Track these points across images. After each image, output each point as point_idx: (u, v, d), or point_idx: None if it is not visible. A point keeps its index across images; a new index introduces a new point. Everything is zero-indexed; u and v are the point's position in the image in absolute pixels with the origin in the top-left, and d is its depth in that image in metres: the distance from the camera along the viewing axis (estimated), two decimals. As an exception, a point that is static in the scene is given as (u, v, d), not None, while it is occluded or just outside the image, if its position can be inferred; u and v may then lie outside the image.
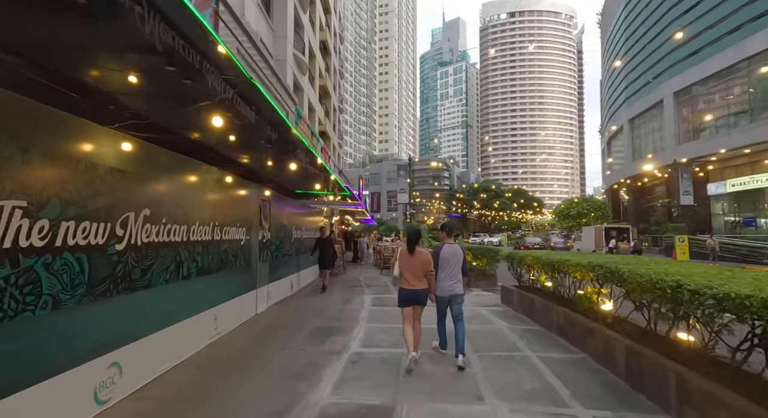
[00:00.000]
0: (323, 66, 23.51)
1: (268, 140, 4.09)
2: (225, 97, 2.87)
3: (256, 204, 6.87)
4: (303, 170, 6.33)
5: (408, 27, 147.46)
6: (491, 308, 7.58)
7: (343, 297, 8.88)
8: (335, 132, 29.32)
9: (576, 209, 35.43)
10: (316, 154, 5.58)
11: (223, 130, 3.83)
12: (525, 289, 7.38)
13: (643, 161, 29.45)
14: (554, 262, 5.63)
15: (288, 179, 7.30)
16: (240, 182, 6.13)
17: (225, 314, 5.43)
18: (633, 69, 34.49)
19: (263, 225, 7.21)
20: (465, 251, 4.66)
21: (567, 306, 5.50)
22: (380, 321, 6.41)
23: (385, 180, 61.90)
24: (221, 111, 3.15)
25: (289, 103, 14.30)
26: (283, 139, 4.36)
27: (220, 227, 5.26)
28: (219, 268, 5.28)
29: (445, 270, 4.45)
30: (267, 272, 7.47)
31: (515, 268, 7.97)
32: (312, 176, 6.78)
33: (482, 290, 10.22)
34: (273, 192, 7.96)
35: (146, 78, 2.41)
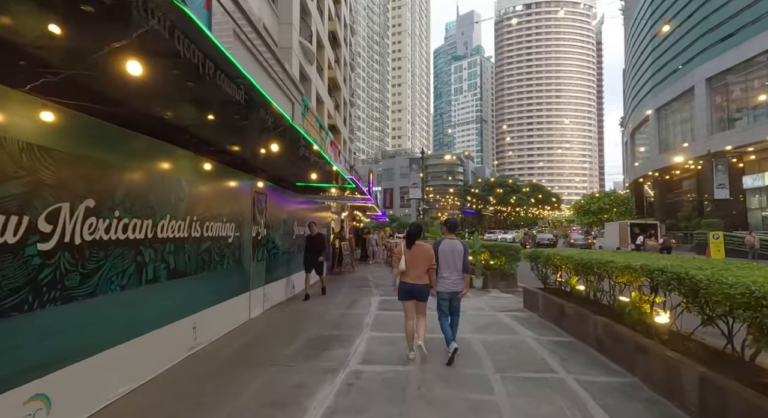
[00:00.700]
0: (332, 57, 22.77)
1: (244, 118, 3.36)
2: (176, 52, 2.14)
3: (249, 197, 6.18)
4: (298, 159, 5.60)
5: (421, 21, 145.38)
6: (513, 314, 6.73)
7: (348, 299, 8.15)
8: (346, 126, 28.61)
9: (597, 205, 33.81)
10: (311, 141, 4.83)
11: (190, 104, 3.12)
12: (551, 292, 6.50)
13: (672, 153, 27.75)
14: (591, 263, 4.74)
15: (285, 170, 6.59)
16: (227, 172, 5.43)
17: (208, 322, 4.76)
18: (660, 55, 32.54)
19: (258, 220, 6.52)
20: (467, 246, 4.53)
21: (607, 315, 4.63)
22: (386, 329, 5.64)
23: (398, 176, 61.03)
24: (179, 78, 2.44)
25: (294, 93, 13.61)
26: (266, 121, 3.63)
27: (200, 223, 4.57)
28: (199, 269, 4.59)
29: (444, 266, 4.39)
30: (263, 272, 6.79)
31: (539, 268, 7.09)
32: (309, 166, 6.04)
33: (501, 291, 9.36)
34: (270, 184, 7.27)
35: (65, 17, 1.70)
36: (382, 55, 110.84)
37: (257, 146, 4.20)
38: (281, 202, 8.02)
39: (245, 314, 6.03)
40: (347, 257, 13.15)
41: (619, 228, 23.15)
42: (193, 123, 3.61)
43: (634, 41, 40.06)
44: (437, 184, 70.52)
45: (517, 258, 9.84)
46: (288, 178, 7.70)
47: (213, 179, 4.98)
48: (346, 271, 12.91)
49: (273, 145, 4.16)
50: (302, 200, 10.07)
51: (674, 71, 29.86)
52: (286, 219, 8.17)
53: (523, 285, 9.72)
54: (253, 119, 3.39)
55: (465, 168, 77.80)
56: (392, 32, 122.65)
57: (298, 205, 9.49)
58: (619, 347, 4.09)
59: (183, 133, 3.93)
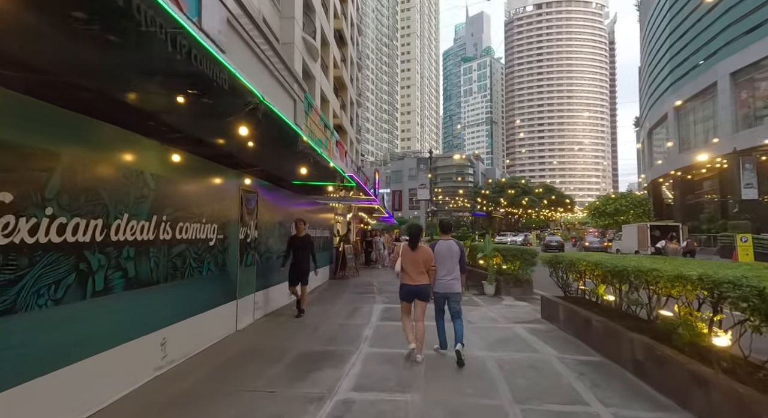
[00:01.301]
0: (338, 56, 22.27)
1: (209, 100, 2.75)
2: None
3: (235, 195, 5.60)
4: (287, 153, 5.01)
5: (430, 23, 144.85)
6: (530, 326, 6.00)
7: (348, 307, 7.51)
8: (353, 126, 28.07)
9: (613, 206, 32.52)
10: (300, 133, 4.22)
11: (140, 80, 2.54)
12: (574, 302, 5.76)
13: (693, 152, 26.49)
14: (626, 271, 4.01)
15: (275, 166, 6.00)
16: (207, 167, 4.86)
17: (182, 336, 4.17)
18: (680, 50, 31.25)
19: (246, 221, 5.93)
20: (462, 247, 4.64)
21: (645, 332, 3.90)
22: (386, 344, 4.98)
23: (406, 178, 60.34)
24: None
25: (297, 90, 13.09)
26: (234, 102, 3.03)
27: (171, 223, 3.99)
28: (171, 276, 4.01)
29: (440, 266, 4.48)
30: (253, 278, 6.20)
31: (560, 275, 6.35)
32: (301, 161, 5.44)
33: (515, 298, 8.62)
34: (263, 183, 6.70)
35: None
36: (390, 57, 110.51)
37: (232, 135, 3.60)
38: (277, 203, 7.44)
39: (231, 326, 5.43)
40: (351, 260, 12.52)
41: (638, 230, 22.06)
42: (149, 105, 3.03)
43: (650, 37, 38.74)
44: (447, 186, 69.60)
45: (533, 263, 9.09)
46: (283, 176, 7.12)
47: (188, 174, 4.40)
48: (350, 275, 12.28)
49: (250, 133, 3.55)
50: (303, 201, 9.50)
51: (695, 66, 28.59)
52: (282, 221, 7.59)
53: (541, 292, 8.98)
54: (218, 102, 2.79)
55: (475, 169, 76.74)
56: (401, 34, 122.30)
57: (297, 207, 8.92)
58: (666, 373, 3.36)
59: (145, 119, 3.35)
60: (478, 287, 9.78)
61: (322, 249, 11.07)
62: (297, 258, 6.67)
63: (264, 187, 6.73)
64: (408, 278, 4.36)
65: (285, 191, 7.93)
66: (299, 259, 6.66)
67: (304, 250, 6.71)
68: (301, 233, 6.83)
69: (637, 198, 32.24)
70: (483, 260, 9.92)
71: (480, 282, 9.96)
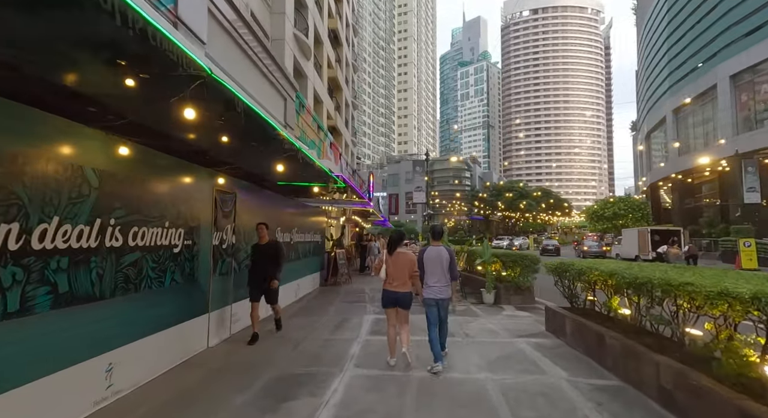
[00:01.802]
0: (333, 56, 21.80)
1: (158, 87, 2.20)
2: None
3: (207, 196, 5.03)
4: (264, 151, 4.47)
5: (427, 27, 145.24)
6: (535, 341, 5.45)
7: (336, 318, 6.93)
8: (348, 129, 27.56)
9: (611, 210, 32.10)
10: (278, 128, 3.69)
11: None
12: (583, 315, 5.22)
13: (692, 155, 26.16)
14: (650, 283, 3.47)
15: (254, 164, 5.45)
16: (170, 163, 4.29)
17: (134, 361, 3.59)
18: (678, 53, 31.03)
19: (221, 225, 5.36)
20: (453, 253, 4.55)
21: (671, 354, 3.37)
22: (375, 363, 4.42)
23: (403, 181, 59.91)
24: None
25: (287, 88, 12.56)
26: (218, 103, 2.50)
27: (121, 228, 3.42)
28: (120, 289, 3.44)
29: (430, 273, 4.38)
30: (230, 287, 5.62)
31: (566, 284, 5.81)
32: (281, 160, 4.89)
33: (516, 308, 8.07)
34: (243, 183, 6.15)
35: None
36: (388, 61, 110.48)
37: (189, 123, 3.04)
38: (260, 205, 6.88)
39: (201, 343, 4.84)
40: (343, 266, 11.93)
41: (638, 235, 21.64)
42: (77, 83, 2.47)
43: (648, 40, 38.59)
44: (444, 190, 69.23)
45: (534, 269, 8.56)
46: (264, 176, 6.56)
47: (147, 171, 3.84)
48: (342, 282, 11.70)
49: (211, 122, 3.01)
50: (290, 204, 8.95)
51: (694, 69, 28.34)
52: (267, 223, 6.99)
53: (543, 301, 8.44)
54: (154, 74, 2.24)
55: (472, 173, 76.47)
56: (398, 38, 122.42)
57: (284, 210, 8.37)
58: (704, 407, 2.82)
59: (83, 104, 2.79)
60: (476, 295, 9.23)
61: (312, 254, 10.50)
62: (257, 271, 5.42)
63: (244, 187, 6.17)
64: (389, 284, 4.32)
65: (269, 193, 7.38)
66: (260, 272, 5.37)
67: (268, 261, 5.42)
68: (264, 240, 5.57)
69: (636, 202, 31.86)
70: (481, 266, 9.39)
71: (478, 290, 9.41)
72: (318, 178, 6.80)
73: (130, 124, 3.13)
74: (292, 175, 6.76)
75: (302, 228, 9.56)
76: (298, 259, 9.18)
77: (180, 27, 6.26)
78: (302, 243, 9.53)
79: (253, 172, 6.14)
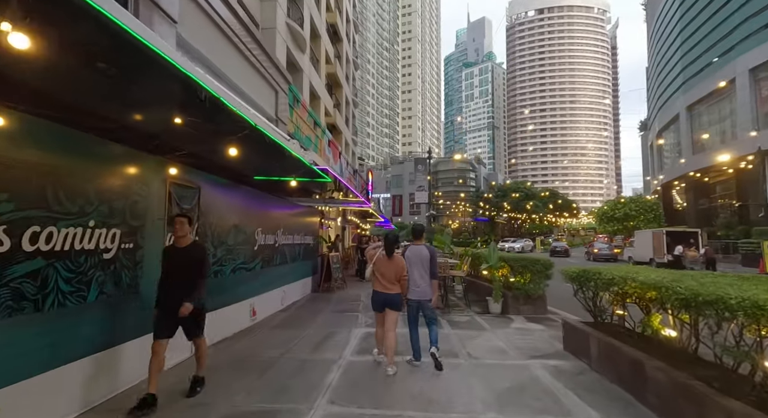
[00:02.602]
0: (332, 51, 21.01)
1: None
2: None
3: (159, 190, 4.20)
4: (224, 135, 3.64)
5: (432, 28, 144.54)
6: (552, 364, 4.54)
7: (321, 331, 6.05)
8: (349, 127, 26.75)
9: (622, 211, 30.89)
10: (225, 101, 2.83)
11: None
12: (612, 333, 4.30)
13: (708, 154, 24.96)
14: (727, 304, 2.54)
15: (213, 150, 4.60)
16: (95, 146, 3.43)
17: (32, 403, 2.73)
18: (692, 48, 29.82)
19: (177, 225, 4.51)
20: (434, 251, 4.57)
21: (747, 399, 2.46)
22: (354, 398, 3.53)
23: (407, 182, 59.03)
24: None
25: (279, 80, 11.76)
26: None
27: (7, 227, 2.58)
28: (7, 310, 2.59)
29: (411, 272, 4.41)
30: (190, 299, 4.77)
31: (589, 295, 4.89)
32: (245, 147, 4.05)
33: (526, 319, 7.15)
34: (207, 176, 5.30)
35: None
36: (391, 62, 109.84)
37: (111, 95, 2.20)
38: (235, 202, 6.04)
39: (138, 372, 3.98)
40: (337, 270, 11.06)
41: (653, 237, 20.54)
42: None
43: (659, 36, 37.36)
44: (448, 191, 68.25)
45: (547, 275, 7.64)
46: (236, 168, 5.72)
47: (57, 154, 2.99)
48: (336, 287, 10.82)
49: (143, 96, 2.16)
50: (277, 203, 8.12)
51: (709, 64, 27.14)
52: (238, 223, 6.16)
53: (557, 312, 7.53)
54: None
55: (477, 174, 75.42)
56: (402, 39, 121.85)
57: (267, 208, 7.52)
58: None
59: None
60: (481, 304, 8.33)
61: (302, 258, 9.65)
62: (169, 290, 3.50)
63: (211, 181, 5.33)
64: (379, 286, 4.30)
65: (248, 189, 6.53)
66: (173, 291, 3.47)
67: (183, 272, 3.51)
68: (183, 242, 3.63)
69: (648, 203, 30.65)
70: (487, 271, 8.48)
71: (483, 297, 8.51)
72: (298, 171, 5.94)
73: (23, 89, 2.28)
74: (268, 168, 5.93)
75: (290, 229, 8.72)
76: (285, 263, 8.34)
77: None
78: (290, 246, 8.69)
79: (222, 164, 5.30)
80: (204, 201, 5.10)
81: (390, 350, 4.18)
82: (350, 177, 17.67)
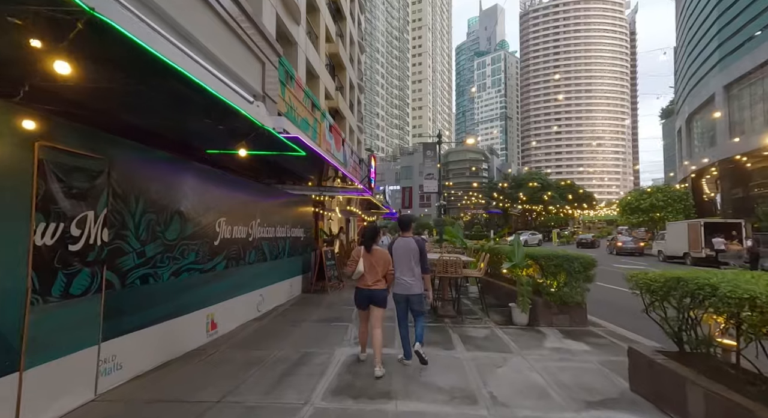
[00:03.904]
0: (333, 29, 19.37)
1: None
2: None
3: (13, 158, 2.74)
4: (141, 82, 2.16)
5: (443, 16, 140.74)
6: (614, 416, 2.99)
7: (293, 353, 4.58)
8: (354, 113, 25.14)
9: (648, 201, 28.67)
10: (146, 45, 1.33)
11: None
12: (722, 378, 2.72)
13: (750, 137, 22.58)
14: None
15: (130, 105, 3.13)
16: None
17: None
18: (731, 21, 27.09)
19: (62, 210, 3.06)
20: (423, 244, 4.30)
21: None
22: None
23: (416, 173, 57.19)
24: None
25: (266, 51, 10.21)
26: None
27: None
28: None
29: (397, 266, 4.23)
30: (93, 318, 3.35)
31: (679, 315, 3.29)
32: (186, 111, 2.57)
33: (562, 333, 5.58)
34: (122, 141, 3.84)
35: None
36: (401, 51, 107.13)
37: None
38: (176, 184, 4.57)
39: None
40: (332, 268, 9.60)
41: (688, 229, 18.56)
42: None
43: (691, 11, 34.43)
44: (460, 182, 66.25)
45: (587, 277, 6.04)
46: (174, 137, 4.25)
47: None
48: (330, 287, 9.36)
49: None
50: (251, 189, 6.67)
51: (750, 38, 24.49)
52: (185, 213, 4.69)
53: (601, 323, 5.90)
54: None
55: (490, 164, 73.12)
56: (413, 27, 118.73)
57: (234, 194, 6.04)
58: None
59: None
60: (502, 311, 6.80)
61: (289, 254, 8.21)
62: None
63: (133, 153, 3.86)
64: (363, 282, 4.08)
65: (202, 168, 5.06)
66: None
67: None
68: None
69: (677, 192, 28.32)
70: (508, 270, 6.89)
71: (504, 302, 6.99)
72: (261, 141, 4.42)
73: None
74: (220, 138, 4.45)
75: (271, 220, 7.27)
76: (263, 261, 6.90)
77: None
78: (271, 240, 7.25)
79: (150, 129, 3.84)
80: (120, 179, 3.65)
81: (377, 349, 3.97)
82: (355, 166, 16.15)
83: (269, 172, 8.14)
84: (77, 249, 3.20)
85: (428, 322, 6.23)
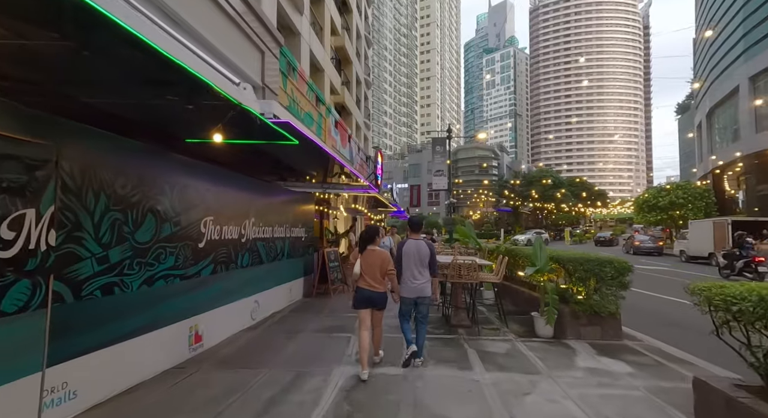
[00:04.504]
0: (339, 21, 18.71)
1: None
2: None
3: None
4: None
5: (451, 12, 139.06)
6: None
7: (282, 375, 3.94)
8: (360, 109, 24.47)
9: (667, 199, 27.48)
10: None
11: None
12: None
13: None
14: None
15: (104, 96, 2.51)
16: None
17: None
18: (759, 7, 25.69)
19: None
20: (433, 247, 4.28)
21: None
22: None
23: (425, 171, 56.34)
24: None
25: (266, 39, 9.59)
26: None
27: None
28: None
29: (408, 267, 4.15)
30: (37, 338, 2.75)
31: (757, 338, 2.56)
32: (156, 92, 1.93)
33: (593, 347, 4.87)
34: (77, 128, 3.24)
35: None
36: (409, 48, 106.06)
37: None
38: (149, 177, 3.96)
39: None
40: (335, 270, 8.96)
41: (714, 227, 17.53)
42: None
43: (712, 2, 32.95)
44: (469, 180, 65.25)
45: (622, 284, 5.30)
46: (144, 122, 3.64)
47: None
48: (334, 290, 8.73)
49: None
50: (244, 184, 6.05)
51: (779, 25, 23.16)
52: (161, 211, 4.09)
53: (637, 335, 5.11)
54: None
55: (500, 162, 71.94)
56: (420, 24, 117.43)
57: (223, 191, 5.41)
58: None
59: None
60: (523, 321, 6.09)
61: (288, 256, 7.58)
62: None
63: (91, 139, 3.25)
64: (364, 283, 3.97)
65: (182, 160, 4.45)
66: None
67: None
68: None
69: (698, 189, 27.08)
70: (532, 278, 6.18)
71: (523, 309, 6.30)
72: (246, 128, 3.78)
73: None
74: (198, 124, 3.82)
75: (267, 219, 6.66)
76: (258, 263, 6.29)
77: None
78: (267, 240, 6.63)
79: (114, 112, 3.22)
80: (73, 171, 3.04)
81: (377, 343, 4.12)
82: (362, 163, 15.48)
83: (269, 168, 7.52)
84: (10, 255, 2.59)
85: (440, 333, 5.56)
